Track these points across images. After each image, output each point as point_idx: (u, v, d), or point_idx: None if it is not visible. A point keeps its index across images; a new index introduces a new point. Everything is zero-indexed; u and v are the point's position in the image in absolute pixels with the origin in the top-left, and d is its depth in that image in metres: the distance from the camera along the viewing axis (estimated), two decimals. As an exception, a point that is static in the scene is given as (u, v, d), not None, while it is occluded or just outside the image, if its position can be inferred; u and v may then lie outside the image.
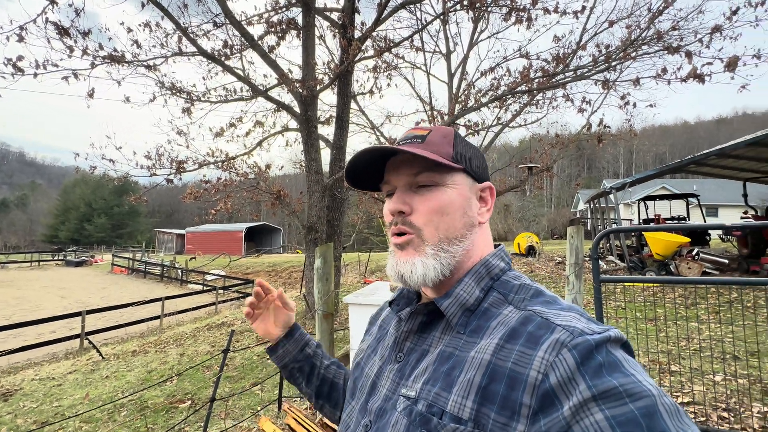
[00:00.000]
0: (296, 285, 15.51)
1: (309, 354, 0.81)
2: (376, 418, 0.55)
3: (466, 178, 0.58)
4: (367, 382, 0.61)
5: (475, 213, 0.58)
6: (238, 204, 7.16)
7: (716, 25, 5.51)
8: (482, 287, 0.54)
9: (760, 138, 7.99)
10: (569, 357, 0.40)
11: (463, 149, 0.59)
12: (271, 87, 7.11)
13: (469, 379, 0.46)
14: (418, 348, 0.56)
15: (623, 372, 0.39)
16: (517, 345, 0.45)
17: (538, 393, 0.40)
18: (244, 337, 6.25)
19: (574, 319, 0.45)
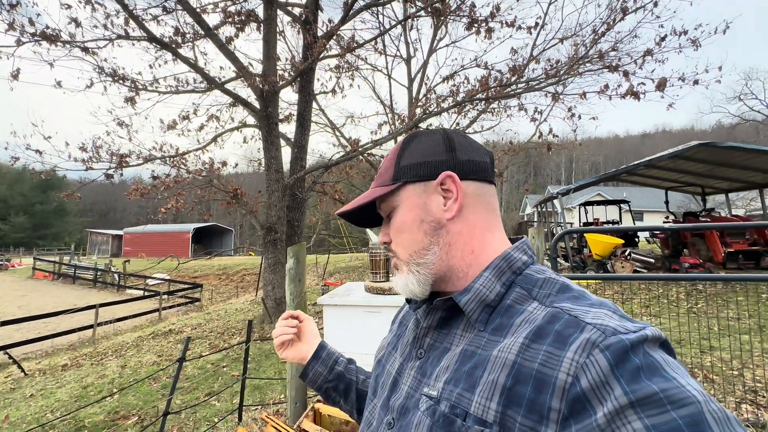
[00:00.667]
0: (249, 289, 14.84)
1: (340, 372, 0.79)
2: (398, 415, 0.54)
3: (413, 187, 0.57)
4: (388, 379, 0.61)
5: (437, 213, 0.55)
6: (189, 203, 6.70)
7: (648, 49, 6.18)
8: (503, 282, 0.52)
9: (679, 152, 9.07)
10: (602, 359, 0.38)
11: (409, 158, 0.57)
12: (228, 80, 6.75)
13: (492, 380, 0.44)
14: (439, 345, 0.55)
15: (664, 376, 0.36)
16: (544, 345, 0.42)
17: (568, 397, 0.38)
18: (195, 345, 5.85)
19: (606, 316, 0.42)
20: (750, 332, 4.03)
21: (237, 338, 6.08)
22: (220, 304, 11.19)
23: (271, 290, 6.58)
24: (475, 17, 6.49)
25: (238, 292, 14.36)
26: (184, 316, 9.93)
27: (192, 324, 7.49)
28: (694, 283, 6.72)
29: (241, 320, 7.32)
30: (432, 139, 0.58)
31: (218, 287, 16.66)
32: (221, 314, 8.32)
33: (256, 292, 11.00)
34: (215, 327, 7.02)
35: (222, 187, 6.55)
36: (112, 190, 61.73)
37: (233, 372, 4.55)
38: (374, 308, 1.99)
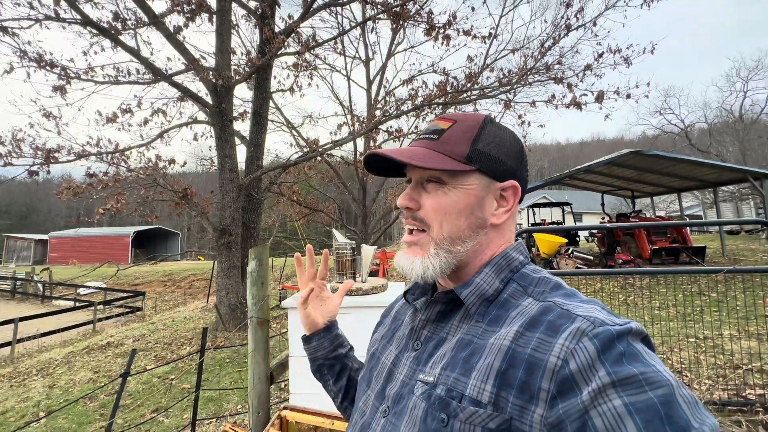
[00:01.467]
0: (199, 295, 13.97)
1: (341, 354, 0.80)
2: (393, 403, 0.55)
3: (481, 178, 0.55)
4: (383, 370, 0.61)
5: (487, 214, 0.56)
6: (132, 204, 6.16)
7: (588, 64, 6.74)
8: (502, 278, 0.55)
9: (613, 159, 10.01)
10: (590, 345, 0.41)
11: (487, 145, 0.55)
12: (176, 72, 6.31)
13: (488, 364, 0.46)
14: (436, 336, 0.56)
15: (643, 362, 0.39)
16: (537, 333, 0.45)
17: (557, 378, 0.41)
18: (139, 358, 5.37)
19: (595, 310, 0.45)
20: (674, 320, 4.54)
21: (187, 348, 5.69)
22: (166, 313, 10.40)
23: (224, 296, 6.24)
24: (433, 24, 6.67)
25: (186, 300, 13.46)
26: (124, 327, 9.09)
27: (134, 335, 6.88)
28: (626, 277, 7.43)
29: (191, 329, 6.86)
30: (510, 139, 0.58)
31: (163, 295, 15.49)
32: (168, 324, 7.73)
33: (208, 298, 10.38)
34: (161, 338, 6.51)
35: (169, 186, 6.10)
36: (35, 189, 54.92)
37: (184, 384, 4.25)
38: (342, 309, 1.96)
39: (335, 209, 12.05)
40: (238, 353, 5.10)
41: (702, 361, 3.37)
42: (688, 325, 4.39)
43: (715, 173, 10.86)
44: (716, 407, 2.57)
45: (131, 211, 6.34)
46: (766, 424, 2.46)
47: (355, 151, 10.87)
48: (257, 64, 5.86)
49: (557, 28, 7.11)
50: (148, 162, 6.50)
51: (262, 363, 2.03)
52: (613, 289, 7.00)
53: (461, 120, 0.57)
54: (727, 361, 3.38)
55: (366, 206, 11.05)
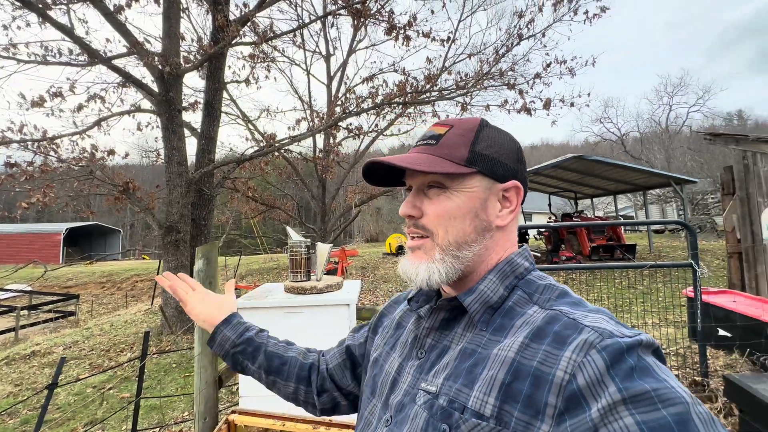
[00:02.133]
0: (143, 297, 13.00)
1: (250, 336, 0.78)
2: (395, 412, 0.54)
3: (482, 180, 0.54)
4: (387, 379, 0.60)
5: (491, 216, 0.55)
6: (63, 197, 5.59)
7: (537, 73, 7.15)
8: (506, 285, 0.53)
9: (559, 162, 10.74)
10: (598, 358, 0.39)
11: (485, 147, 0.55)
12: (116, 55, 5.80)
13: (492, 376, 0.45)
14: (440, 344, 0.55)
15: (655, 377, 0.37)
16: (543, 344, 0.44)
17: (564, 393, 0.39)
18: (70, 367, 4.89)
19: (603, 321, 0.44)
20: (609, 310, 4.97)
21: (127, 354, 5.28)
22: (104, 317, 9.56)
23: (171, 297, 5.85)
24: (394, 24, 6.73)
25: (128, 302, 12.46)
26: (54, 334, 8.23)
27: (65, 342, 6.26)
28: (569, 273, 8.02)
29: (133, 334, 6.37)
30: (508, 140, 0.57)
31: (101, 297, 14.22)
32: (105, 329, 7.12)
33: (152, 300, 9.69)
34: (97, 344, 5.98)
35: (108, 179, 5.61)
36: (-58, 179, 47.84)
37: (123, 393, 3.94)
38: (295, 309, 1.93)
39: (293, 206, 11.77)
40: (185, 357, 4.83)
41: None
42: (619, 315, 4.84)
43: (644, 178, 12.04)
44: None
45: (62, 205, 5.75)
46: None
47: (314, 147, 10.67)
48: (210, 52, 5.55)
49: (511, 36, 7.48)
50: (83, 152, 5.93)
51: (209, 366, 1.93)
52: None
53: (458, 124, 0.57)
54: (651, 346, 3.77)
55: (325, 204, 10.91)
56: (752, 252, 4.34)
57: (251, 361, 0.77)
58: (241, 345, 0.77)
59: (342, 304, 1.91)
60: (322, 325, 1.91)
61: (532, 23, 6.89)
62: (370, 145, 11.31)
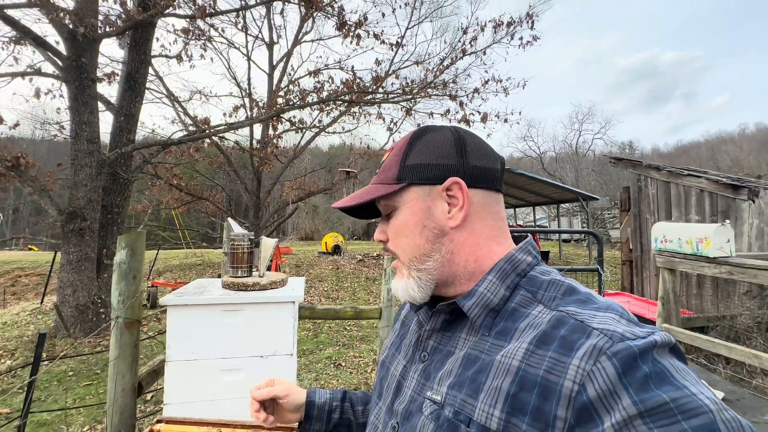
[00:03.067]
0: (28, 294, 11.01)
1: (337, 419, 0.74)
2: (402, 419, 0.53)
3: (418, 190, 0.54)
4: (393, 382, 0.59)
5: (441, 220, 0.53)
6: None
7: (476, 88, 7.66)
8: (508, 285, 0.50)
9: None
10: (609, 366, 0.36)
11: (416, 157, 0.54)
12: (12, 5, 4.84)
13: (496, 386, 0.43)
14: (443, 348, 0.54)
15: (674, 384, 0.34)
16: (549, 351, 0.41)
17: (574, 406, 0.37)
18: None
19: (613, 321, 0.41)
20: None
21: (7, 362, 4.43)
22: (-29, 318, 7.87)
23: (70, 294, 5.05)
24: (345, 20, 6.67)
25: (8, 300, 10.45)
26: None
27: None
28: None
29: (15, 337, 5.36)
30: (442, 139, 0.54)
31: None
32: (-25, 332, 5.88)
33: (43, 298, 8.27)
34: (-37, 350, 4.91)
35: (-9, 152, 4.65)
36: None
37: (1, 409, 3.29)
38: (235, 306, 1.79)
39: (223, 198, 10.97)
40: (85, 364, 4.20)
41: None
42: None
43: (558, 193, 13.59)
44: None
45: None
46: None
47: (251, 137, 10.08)
48: (137, 18, 4.92)
49: (454, 50, 7.90)
50: (-44, 116, 4.83)
51: (128, 372, 1.71)
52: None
53: (396, 145, 0.58)
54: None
55: (260, 198, 10.35)
56: (640, 260, 5.16)
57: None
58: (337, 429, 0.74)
59: (287, 302, 1.83)
60: (265, 324, 1.80)
61: (474, 41, 7.36)
62: (312, 140, 11.04)
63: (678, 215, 4.59)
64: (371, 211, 0.63)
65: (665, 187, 4.80)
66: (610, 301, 0.45)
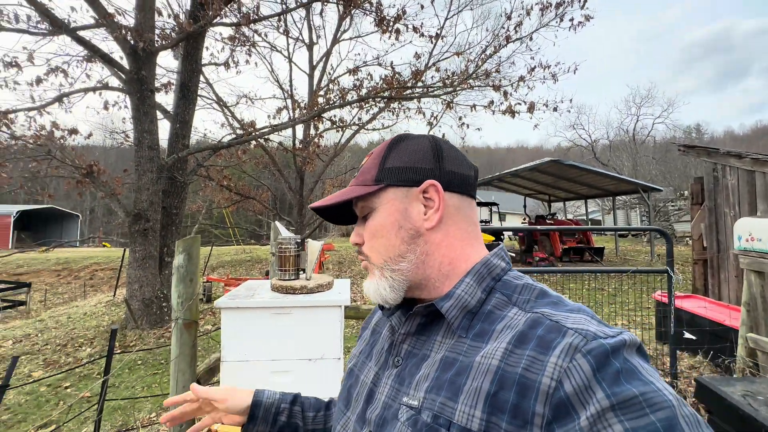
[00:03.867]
0: (103, 287, 12.26)
1: (284, 422, 0.71)
2: (376, 428, 0.51)
3: (395, 192, 0.55)
4: (363, 390, 0.58)
5: (418, 222, 0.54)
6: (16, 178, 5.11)
7: (521, 76, 7.25)
8: (484, 288, 0.52)
9: (537, 165, 11.02)
10: (584, 363, 0.38)
11: (394, 160, 0.56)
12: (83, 26, 5.33)
13: (476, 387, 0.43)
14: (418, 352, 0.53)
15: (642, 380, 0.37)
16: (527, 350, 0.42)
17: (551, 402, 0.38)
18: (21, 364, 4.51)
19: (586, 321, 0.43)
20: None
21: (87, 350, 4.93)
22: (59, 308, 8.91)
23: (137, 289, 5.52)
24: (383, 16, 6.59)
25: (87, 292, 11.71)
26: (1, 325, 7.59)
27: (15, 336, 5.77)
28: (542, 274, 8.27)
29: (93, 327, 5.97)
30: (420, 145, 0.56)
31: (56, 286, 13.29)
32: (62, 321, 6.64)
33: (115, 291, 9.16)
34: (53, 337, 5.56)
35: (69, 160, 5.18)
36: None
37: (83, 393, 3.67)
38: (283, 309, 1.82)
39: (269, 197, 11.43)
40: (152, 354, 4.57)
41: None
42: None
43: (614, 184, 12.58)
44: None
45: (15, 186, 5.27)
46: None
47: (293, 138, 10.38)
48: (188, 30, 5.21)
49: (497, 37, 7.52)
50: (41, 129, 5.44)
51: (188, 370, 1.80)
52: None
53: (376, 150, 0.59)
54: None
55: (303, 196, 10.66)
56: (716, 259, 4.60)
57: None
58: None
59: (334, 306, 1.82)
60: (313, 327, 1.81)
61: (519, 26, 6.96)
62: (351, 138, 11.15)
63: (765, 209, 4.03)
64: (347, 216, 0.64)
65: (748, 177, 4.22)
66: (580, 305, 0.48)
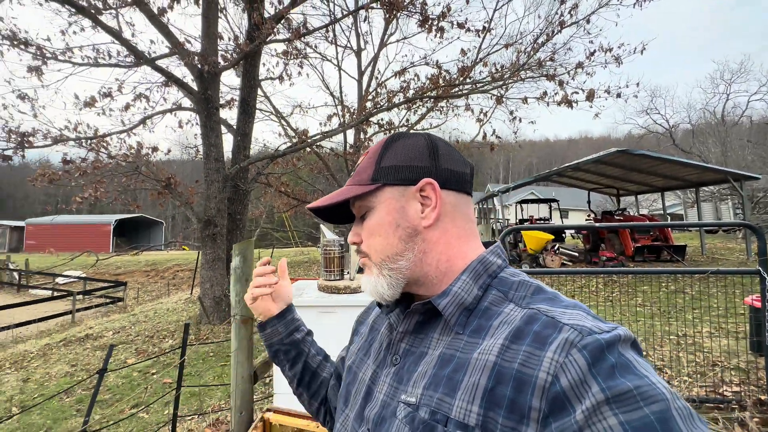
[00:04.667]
0: (183, 286, 13.73)
1: (297, 339, 0.78)
2: (374, 426, 0.52)
3: (392, 191, 0.55)
4: (361, 387, 0.59)
5: (415, 220, 0.54)
6: (112, 192, 5.95)
7: (579, 62, 6.74)
8: (480, 285, 0.52)
9: (601, 157, 10.13)
10: (580, 358, 0.39)
11: (390, 159, 0.56)
12: (160, 56, 6.07)
13: (474, 383, 0.44)
14: (415, 350, 0.54)
15: (636, 374, 0.37)
16: (524, 345, 0.43)
17: (548, 396, 0.39)
18: (118, 351, 5.23)
19: (581, 317, 0.43)
20: (653, 317, 4.64)
21: (169, 341, 5.57)
22: (148, 304, 10.17)
23: (209, 288, 6.11)
24: (427, 15, 6.56)
25: (170, 290, 13.20)
26: (105, 318, 8.86)
27: (114, 327, 6.71)
28: (610, 274, 7.57)
29: (174, 321, 6.72)
30: (416, 143, 0.57)
31: (146, 285, 15.18)
32: (150, 315, 7.57)
33: (192, 289, 10.20)
34: (143, 330, 6.36)
35: (152, 175, 5.90)
36: (11, 174, 52.67)
37: (165, 379, 4.15)
38: (328, 308, 1.91)
39: (324, 201, 11.90)
40: (221, 347, 5.02)
41: (681, 359, 3.44)
42: (669, 322, 4.49)
43: (697, 174, 11.12)
44: (695, 404, 2.63)
45: (111, 199, 6.13)
46: (741, 421, 2.53)
47: (345, 142, 10.73)
48: (245, 50, 5.67)
49: (551, 24, 7.08)
50: (130, 149, 6.27)
51: (246, 362, 1.96)
52: (597, 285, 7.12)
53: (371, 149, 0.60)
54: (706, 358, 3.47)
55: (355, 199, 10.96)
56: (831, 258, 3.86)
57: (290, 365, 0.78)
58: (287, 346, 0.78)
59: (376, 306, 1.88)
60: (356, 326, 1.88)
61: (575, 9, 6.49)
62: (401, 140, 11.21)
63: None
64: (344, 216, 0.64)
65: None
66: (576, 301, 0.48)
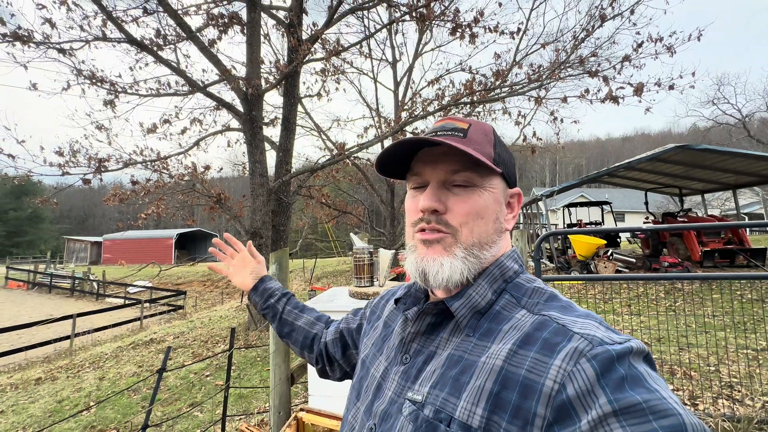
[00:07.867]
0: (235, 295, 14.58)
1: (271, 303, 0.93)
2: (380, 421, 0.53)
3: (501, 183, 0.56)
4: (372, 383, 0.60)
5: (503, 218, 0.56)
6: (171, 208, 6.55)
7: (626, 55, 6.35)
8: (495, 289, 0.52)
9: (658, 154, 9.34)
10: (588, 367, 0.38)
11: (502, 151, 0.56)
12: (211, 83, 6.65)
13: (479, 386, 0.44)
14: (426, 349, 0.54)
15: (647, 387, 0.36)
16: (532, 351, 0.42)
17: (553, 404, 0.38)
18: (178, 354, 5.69)
19: (593, 327, 0.42)
20: (725, 329, 4.16)
21: (221, 346, 5.95)
22: (204, 312, 10.94)
23: (256, 296, 6.46)
24: (459, 22, 6.57)
25: (223, 299, 14.08)
26: (167, 324, 9.67)
27: (174, 332, 7.30)
28: (673, 282, 6.90)
29: (226, 327, 7.17)
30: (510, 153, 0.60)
31: (203, 294, 16.33)
32: (205, 322, 8.14)
33: (242, 298, 10.82)
34: (199, 335, 6.86)
35: (205, 191, 6.42)
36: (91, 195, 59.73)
37: (217, 381, 4.44)
38: (359, 314, 1.97)
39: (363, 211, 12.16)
40: (267, 352, 5.27)
41: (756, 376, 3.06)
42: (745, 335, 4.01)
43: (776, 167, 9.85)
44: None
45: (171, 215, 6.74)
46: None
47: (382, 154, 10.91)
48: (285, 71, 6.04)
49: (592, 18, 6.76)
50: (187, 168, 6.89)
51: (282, 365, 2.08)
52: (658, 294, 6.53)
53: (475, 123, 0.56)
54: (788, 376, 3.05)
55: (394, 208, 11.06)
56: None
57: (273, 322, 0.93)
58: (265, 310, 0.93)
59: (404, 311, 1.90)
60: (385, 331, 1.92)
61: (616, 1, 6.15)
62: (438, 147, 11.17)
63: None
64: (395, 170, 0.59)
65: None
66: (588, 311, 0.47)
